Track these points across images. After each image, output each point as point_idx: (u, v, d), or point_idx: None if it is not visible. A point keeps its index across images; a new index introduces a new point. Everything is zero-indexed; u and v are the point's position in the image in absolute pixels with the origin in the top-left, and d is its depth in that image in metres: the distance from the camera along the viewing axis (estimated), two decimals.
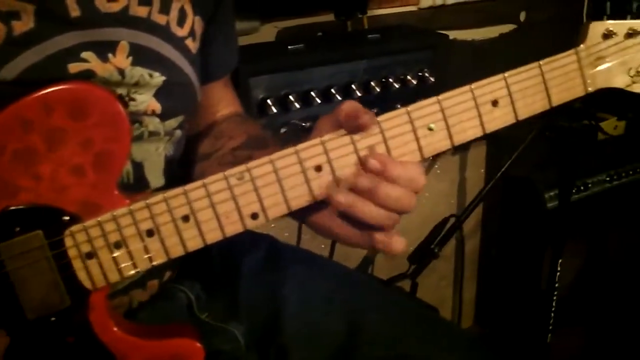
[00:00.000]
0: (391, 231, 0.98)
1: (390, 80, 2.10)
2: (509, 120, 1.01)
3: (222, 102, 1.39)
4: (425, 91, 2.11)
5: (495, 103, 1.00)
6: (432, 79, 2.15)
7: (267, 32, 2.25)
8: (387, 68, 2.11)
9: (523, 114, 1.02)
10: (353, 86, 2.02)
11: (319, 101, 1.96)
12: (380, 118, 0.96)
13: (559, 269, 2.30)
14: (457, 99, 0.98)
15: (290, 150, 0.94)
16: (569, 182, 2.29)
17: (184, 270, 1.29)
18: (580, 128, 2.61)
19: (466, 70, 2.62)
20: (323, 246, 2.23)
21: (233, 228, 0.96)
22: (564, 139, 2.24)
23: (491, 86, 1.00)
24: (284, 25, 2.28)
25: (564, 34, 1.07)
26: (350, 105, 0.95)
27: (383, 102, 2.08)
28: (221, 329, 1.24)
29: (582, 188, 2.63)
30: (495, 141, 2.67)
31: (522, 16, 2.87)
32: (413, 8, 2.58)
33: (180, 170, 1.26)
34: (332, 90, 1.98)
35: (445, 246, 2.27)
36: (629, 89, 1.08)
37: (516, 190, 2.67)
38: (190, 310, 1.26)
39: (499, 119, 1.01)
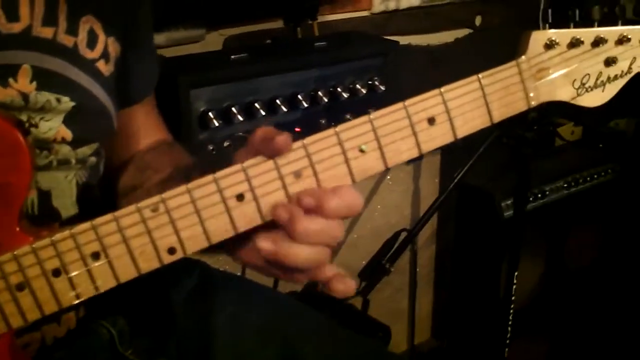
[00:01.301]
0: (328, 267, 0.91)
1: (339, 89, 2.02)
2: (447, 139, 0.95)
3: (145, 129, 1.31)
4: (375, 100, 2.05)
5: (431, 121, 0.93)
6: (383, 88, 2.08)
7: (214, 41, 2.17)
8: (335, 77, 2.03)
9: (462, 132, 0.95)
10: (299, 97, 1.94)
11: (263, 113, 1.88)
12: (307, 140, 0.88)
13: (515, 280, 2.25)
14: (390, 118, 0.91)
15: (209, 178, 0.87)
16: (524, 191, 2.24)
17: (105, 302, 1.20)
18: (537, 134, 2.59)
19: (421, 76, 2.57)
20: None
21: (148, 264, 0.88)
22: (520, 146, 2.19)
23: (426, 102, 0.92)
24: (231, 32, 2.20)
25: (519, 38, 1.01)
26: (263, 130, 0.88)
27: (331, 113, 2.01)
28: None
29: (539, 196, 2.59)
30: (449, 149, 2.61)
31: (478, 20, 2.83)
32: (365, 13, 2.52)
33: (103, 198, 1.18)
34: (277, 102, 1.90)
35: (400, 258, 2.21)
36: (574, 101, 1.02)
37: (472, 200, 2.63)
38: (113, 347, 1.17)
39: (436, 138, 0.94)
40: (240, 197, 0.87)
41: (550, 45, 0.98)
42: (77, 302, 0.88)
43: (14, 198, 0.87)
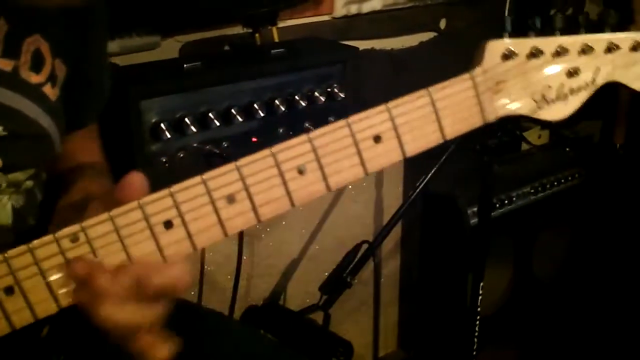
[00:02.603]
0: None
1: (297, 97, 1.96)
2: (395, 157, 0.89)
3: (82, 152, 1.24)
4: (335, 108, 1.99)
5: (377, 139, 0.87)
6: (342, 95, 2.02)
7: (169, 48, 2.11)
8: (292, 85, 1.97)
9: (411, 150, 0.90)
10: (255, 106, 1.88)
11: (217, 123, 1.81)
12: (240, 162, 0.82)
13: (481, 289, 2.20)
14: (331, 136, 0.85)
15: (134, 204, 0.80)
16: (488, 197, 2.19)
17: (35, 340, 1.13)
18: (502, 140, 2.55)
19: (385, 81, 2.52)
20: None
21: (70, 299, 0.81)
22: (485, 151, 2.15)
23: (372, 120, 0.87)
24: (188, 39, 2.14)
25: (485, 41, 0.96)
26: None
27: (289, 122, 1.95)
28: None
29: (506, 202, 2.56)
30: (412, 157, 2.56)
31: (443, 24, 2.80)
32: (327, 18, 2.47)
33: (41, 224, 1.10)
34: (233, 111, 1.84)
35: (363, 269, 2.16)
36: (534, 115, 0.97)
37: (437, 208, 2.59)
38: None
39: (382, 157, 0.88)
40: (168, 224, 0.81)
41: (508, 55, 0.92)
42: None
43: None
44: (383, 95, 0.89)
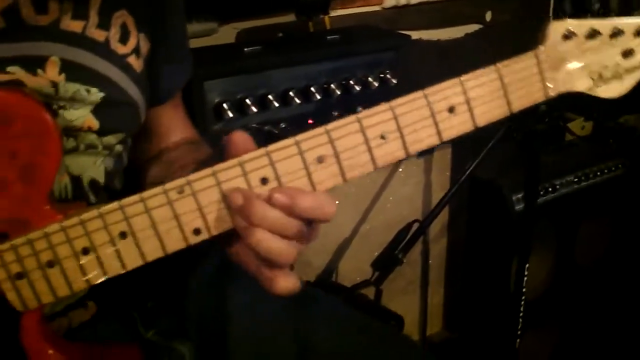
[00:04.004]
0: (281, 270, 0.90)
1: (351, 82, 2.04)
2: (468, 127, 0.96)
3: (173, 128, 1.33)
4: (387, 93, 2.06)
5: (451, 110, 0.94)
6: (394, 81, 2.10)
7: (226, 34, 2.19)
8: (347, 70, 2.05)
9: (482, 121, 0.96)
10: (312, 89, 1.97)
11: (276, 105, 1.90)
12: (330, 126, 0.90)
13: (526, 272, 2.26)
14: (410, 106, 0.92)
15: (234, 161, 0.88)
16: (535, 185, 2.25)
17: (129, 285, 1.23)
18: (547, 129, 2.60)
19: (431, 70, 2.57)
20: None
21: (174, 245, 0.90)
22: (530, 140, 2.20)
23: (447, 91, 0.94)
24: (243, 26, 2.22)
25: (529, 33, 1.02)
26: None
27: (343, 105, 2.03)
28: (168, 348, 1.18)
29: (549, 190, 2.60)
30: (460, 143, 2.62)
31: (488, 16, 2.84)
32: (377, 8, 2.53)
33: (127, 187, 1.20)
34: (291, 94, 1.93)
35: (412, 251, 2.22)
36: (590, 92, 1.03)
37: (482, 193, 2.63)
38: (135, 329, 1.19)
39: (456, 126, 0.95)
40: (264, 181, 0.89)
41: (568, 36, 0.99)
42: (104, 279, 0.90)
43: (43, 178, 0.89)
44: (431, 84, 0.94)
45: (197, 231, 0.90)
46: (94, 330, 1.14)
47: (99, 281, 0.90)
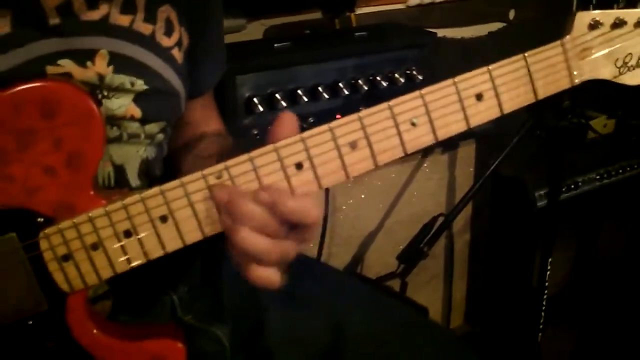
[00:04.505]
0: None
1: (378, 78, 2.07)
2: (494, 114, 0.99)
3: (204, 120, 1.38)
4: (413, 90, 2.07)
5: (479, 97, 0.98)
6: (421, 77, 2.12)
7: (254, 30, 2.21)
8: (374, 66, 2.08)
9: (508, 108, 0.99)
10: (340, 84, 1.99)
11: (305, 99, 1.93)
12: (362, 113, 0.94)
13: (549, 267, 2.28)
14: (440, 93, 0.96)
15: (270, 147, 0.92)
16: (558, 181, 2.27)
17: (167, 270, 1.27)
18: (570, 127, 2.61)
19: (455, 68, 2.58)
20: (312, 245, 2.21)
21: (212, 228, 0.94)
22: (553, 137, 2.23)
23: (475, 79, 0.97)
24: (271, 23, 2.25)
25: (552, 32, 1.05)
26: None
27: (371, 101, 2.04)
28: (205, 331, 1.21)
29: (572, 187, 2.61)
30: (484, 140, 2.65)
31: (511, 14, 2.85)
32: (401, 6, 2.55)
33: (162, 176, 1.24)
34: (319, 89, 1.96)
35: (435, 245, 2.25)
36: (615, 80, 1.06)
37: (505, 189, 2.65)
38: (173, 312, 1.23)
39: (483, 113, 0.98)
40: (299, 166, 0.93)
41: (594, 25, 1.02)
42: (145, 261, 0.94)
43: (88, 164, 0.93)
44: None
45: None
46: (134, 313, 1.18)
47: (140, 263, 0.94)
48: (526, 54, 1.00)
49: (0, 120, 0.89)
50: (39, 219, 0.92)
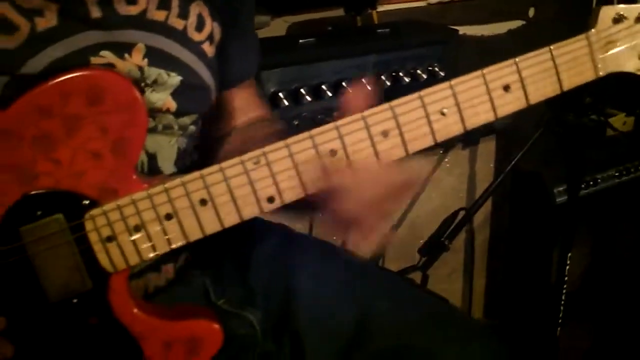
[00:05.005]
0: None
1: (401, 74, 2.11)
2: (521, 104, 1.03)
3: (246, 108, 1.40)
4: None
5: (506, 88, 1.01)
6: (442, 74, 2.16)
7: (278, 27, 2.26)
8: (397, 62, 2.12)
9: (534, 99, 1.03)
10: (363, 80, 2.02)
11: (330, 94, 1.97)
12: (394, 103, 0.98)
13: (568, 263, 2.30)
14: (469, 84, 1.00)
15: (305, 134, 0.96)
16: (578, 178, 2.29)
17: (200, 256, 1.31)
18: (589, 124, 2.62)
19: (475, 66, 2.60)
20: (335, 238, 2.24)
21: (250, 211, 0.98)
22: (572, 134, 2.25)
23: (502, 71, 1.01)
24: (294, 20, 2.29)
25: (572, 30, 1.08)
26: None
27: (394, 96, 2.07)
28: (237, 315, 1.25)
29: (591, 183, 2.63)
30: (504, 136, 2.68)
31: (531, 12, 2.87)
32: (422, 3, 2.59)
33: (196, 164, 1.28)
34: (343, 84, 1.99)
35: (455, 239, 2.28)
36: (639, 72, 1.09)
37: (525, 185, 2.68)
38: (207, 297, 1.27)
39: (510, 104, 1.02)
40: (332, 152, 0.97)
41: (618, 19, 1.06)
42: (185, 243, 0.98)
43: (132, 150, 0.97)
44: None
45: (270, 199, 0.98)
46: (168, 296, 1.21)
47: (180, 245, 0.98)
48: (552, 47, 1.03)
49: (49, 107, 0.93)
50: (84, 201, 0.96)
